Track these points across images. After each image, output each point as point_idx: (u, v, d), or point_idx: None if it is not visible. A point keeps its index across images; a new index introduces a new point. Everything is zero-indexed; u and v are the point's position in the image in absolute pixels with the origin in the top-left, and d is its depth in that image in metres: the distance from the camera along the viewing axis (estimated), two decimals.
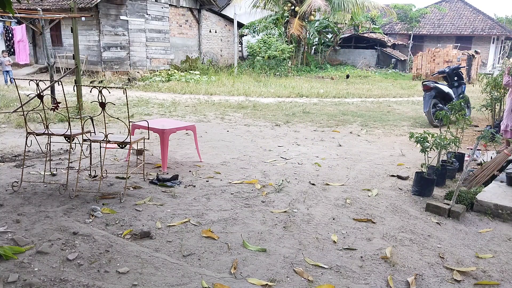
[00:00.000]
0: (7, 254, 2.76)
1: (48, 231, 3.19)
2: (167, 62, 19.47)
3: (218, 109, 10.10)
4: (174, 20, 19.64)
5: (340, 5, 22.06)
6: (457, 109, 5.10)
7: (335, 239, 3.28)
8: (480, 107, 7.57)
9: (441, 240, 3.36)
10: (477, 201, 4.01)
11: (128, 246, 3.03)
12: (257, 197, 4.15)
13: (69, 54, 16.98)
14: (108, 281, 2.59)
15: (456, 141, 4.60)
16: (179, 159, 5.48)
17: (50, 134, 4.11)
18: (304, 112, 10.09)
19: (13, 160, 5.12)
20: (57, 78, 8.87)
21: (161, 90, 13.84)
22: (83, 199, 3.87)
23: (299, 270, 2.80)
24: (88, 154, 4.76)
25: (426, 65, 21.72)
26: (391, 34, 31.34)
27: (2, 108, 8.94)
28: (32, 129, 4.31)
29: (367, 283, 2.70)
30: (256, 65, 20.08)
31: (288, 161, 5.57)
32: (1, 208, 3.59)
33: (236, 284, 2.62)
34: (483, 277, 2.85)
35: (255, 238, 3.25)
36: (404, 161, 5.75)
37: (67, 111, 4.12)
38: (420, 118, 9.70)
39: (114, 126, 7.65)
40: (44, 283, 2.53)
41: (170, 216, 3.61)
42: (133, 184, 4.35)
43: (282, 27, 22.74)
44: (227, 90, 13.80)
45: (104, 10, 16.35)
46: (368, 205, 4.05)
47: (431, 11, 30.33)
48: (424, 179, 4.36)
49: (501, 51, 34.57)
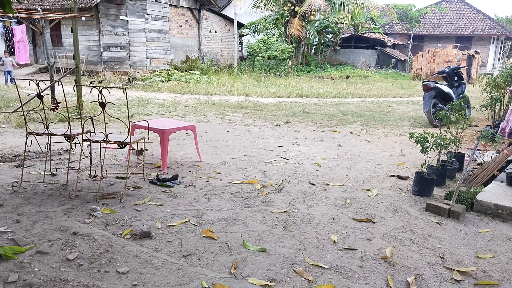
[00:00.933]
0: (7, 254, 2.76)
1: (48, 231, 3.19)
2: (167, 62, 19.47)
3: (218, 109, 10.10)
4: (174, 20, 19.64)
5: (340, 5, 22.07)
6: (457, 109, 5.10)
7: (335, 239, 3.28)
8: (480, 107, 7.57)
9: (441, 240, 3.36)
10: (477, 201, 4.01)
11: (128, 246, 3.03)
12: (257, 197, 4.15)
13: (69, 54, 16.98)
14: (108, 281, 2.59)
15: (456, 141, 4.60)
16: (179, 159, 5.48)
17: (50, 134, 4.12)
18: (304, 112, 10.09)
19: (13, 160, 5.12)
20: (57, 78, 8.87)
21: (161, 90, 13.84)
22: (83, 199, 3.87)
23: (299, 270, 2.80)
24: (88, 154, 4.76)
25: (426, 65, 21.72)
26: (391, 34, 31.35)
27: (2, 108, 8.94)
28: (32, 129, 4.31)
29: (367, 283, 2.70)
30: (256, 65, 20.08)
31: (288, 161, 5.57)
32: (1, 208, 3.59)
33: (236, 284, 2.62)
34: (483, 277, 2.85)
35: (255, 238, 3.25)
36: (404, 161, 5.75)
37: (67, 111, 4.12)
38: (420, 118, 9.70)
39: (114, 126, 7.65)
40: (44, 283, 2.53)
41: (170, 216, 3.61)
42: (133, 184, 4.35)
43: (282, 27, 22.74)
44: (227, 90, 13.80)
45: (104, 10, 16.35)
46: (368, 205, 4.05)
47: (431, 11, 30.34)
48: (424, 179, 4.36)
49: (501, 51, 34.58)
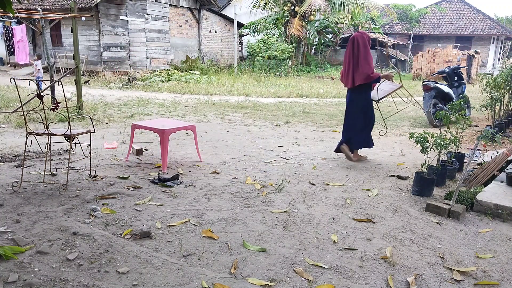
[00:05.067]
0: (7, 254, 2.76)
1: (48, 231, 3.19)
2: (167, 62, 19.47)
3: (218, 109, 10.10)
4: (174, 20, 19.64)
5: (340, 5, 22.06)
6: (457, 109, 5.10)
7: (335, 239, 3.28)
8: (480, 107, 7.56)
9: (441, 240, 3.36)
10: (477, 201, 4.01)
11: (128, 246, 3.03)
12: (257, 197, 4.15)
13: (69, 54, 16.97)
14: (108, 281, 2.59)
15: (456, 141, 4.60)
16: (179, 159, 5.48)
17: (50, 134, 4.12)
18: (304, 112, 10.09)
19: (13, 160, 5.12)
20: (57, 78, 8.87)
21: (161, 90, 13.84)
22: (83, 199, 3.87)
23: (299, 270, 2.80)
24: (88, 154, 4.76)
25: (426, 65, 21.72)
26: (391, 34, 31.33)
27: (2, 108, 8.94)
28: (32, 129, 4.31)
29: (367, 283, 2.70)
30: (256, 65, 20.08)
31: (288, 161, 5.57)
32: (1, 208, 3.59)
33: (236, 284, 2.62)
34: (483, 277, 2.84)
35: (255, 238, 3.25)
36: (404, 161, 5.75)
37: (67, 111, 4.12)
38: (420, 118, 9.69)
39: (114, 126, 7.65)
40: (44, 283, 2.53)
41: (170, 216, 3.60)
42: (133, 184, 4.35)
43: (282, 27, 22.73)
44: (227, 90, 13.80)
45: (104, 10, 16.35)
46: (368, 205, 4.04)
47: (431, 11, 30.35)
48: (424, 179, 4.36)
49: (501, 51, 34.57)
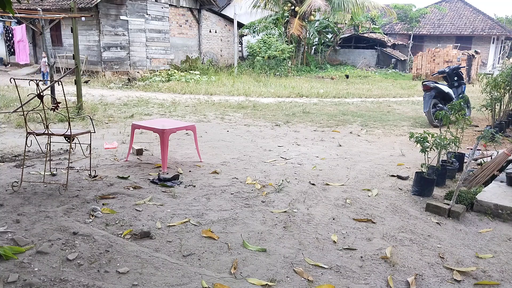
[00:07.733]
0: (7, 254, 2.76)
1: (48, 231, 3.19)
2: (167, 62, 19.47)
3: (218, 109, 10.10)
4: (174, 20, 19.64)
5: (340, 5, 22.06)
6: (457, 109, 5.10)
7: (335, 239, 3.28)
8: (480, 107, 7.56)
9: (441, 240, 3.36)
10: (477, 201, 4.01)
11: (128, 246, 3.03)
12: (257, 197, 4.15)
13: (69, 54, 16.98)
14: (108, 281, 2.59)
15: (456, 141, 4.60)
16: (179, 159, 5.48)
17: (50, 134, 4.12)
18: (304, 112, 10.09)
19: (13, 160, 5.12)
20: (57, 78, 8.87)
21: (161, 90, 13.84)
22: (83, 199, 3.87)
23: (299, 270, 2.80)
24: (88, 154, 4.76)
25: (426, 65, 21.71)
26: (391, 34, 31.34)
27: (2, 108, 8.94)
28: (32, 129, 4.31)
29: (367, 283, 2.70)
30: (256, 65, 20.07)
31: (288, 161, 5.57)
32: (1, 208, 3.59)
33: (236, 284, 2.62)
34: (483, 277, 2.85)
35: (255, 238, 3.25)
36: (404, 161, 5.75)
37: (67, 111, 4.12)
38: (420, 118, 9.70)
39: (114, 126, 7.65)
40: (44, 283, 2.53)
41: (170, 216, 3.61)
42: (133, 184, 4.35)
43: (282, 27, 22.74)
44: (227, 90, 13.80)
45: (104, 10, 16.35)
46: (368, 205, 4.05)
47: (431, 11, 30.32)
48: (424, 179, 4.36)
49: (501, 51, 34.57)
